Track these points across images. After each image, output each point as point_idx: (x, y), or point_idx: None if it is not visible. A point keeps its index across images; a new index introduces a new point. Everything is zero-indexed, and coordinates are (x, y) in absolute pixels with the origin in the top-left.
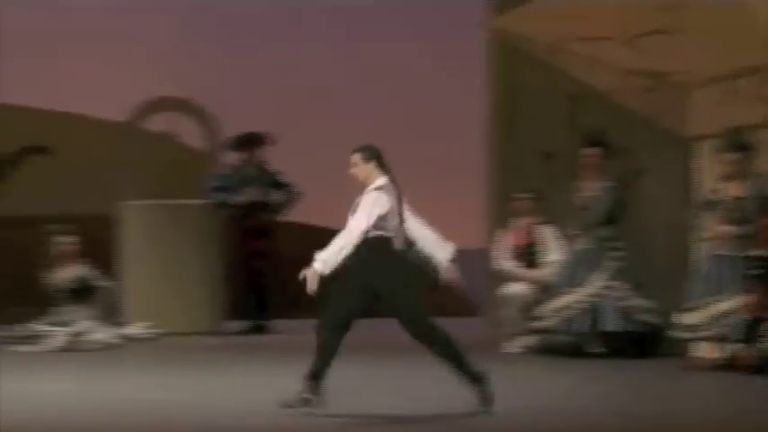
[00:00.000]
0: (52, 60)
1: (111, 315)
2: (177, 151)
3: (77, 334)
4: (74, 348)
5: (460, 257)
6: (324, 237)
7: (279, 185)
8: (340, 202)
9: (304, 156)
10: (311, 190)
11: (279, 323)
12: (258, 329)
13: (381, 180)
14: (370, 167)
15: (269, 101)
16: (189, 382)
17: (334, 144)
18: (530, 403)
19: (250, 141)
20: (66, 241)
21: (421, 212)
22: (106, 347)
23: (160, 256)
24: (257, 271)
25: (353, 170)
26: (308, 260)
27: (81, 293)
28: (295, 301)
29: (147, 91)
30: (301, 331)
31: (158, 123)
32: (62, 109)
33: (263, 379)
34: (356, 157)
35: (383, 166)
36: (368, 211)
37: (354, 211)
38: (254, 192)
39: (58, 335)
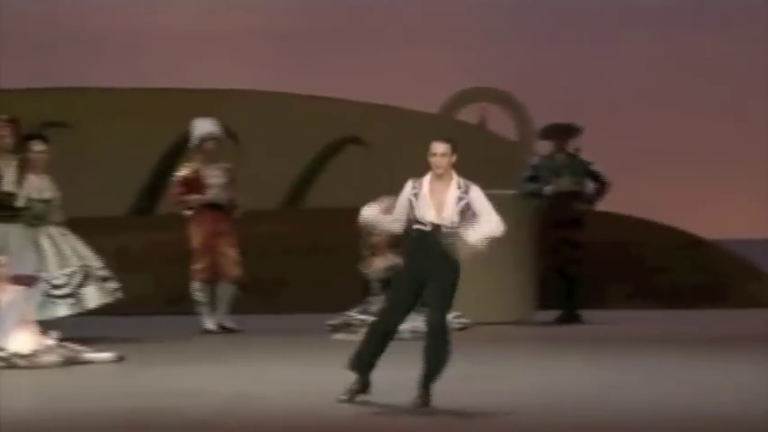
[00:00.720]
0: (369, 54)
1: (424, 305)
2: (490, 141)
3: None
4: None
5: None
6: (631, 225)
7: (591, 175)
8: (647, 191)
9: (613, 146)
10: (621, 180)
11: (588, 313)
12: (569, 319)
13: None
14: (453, 160)
15: (579, 91)
16: (496, 372)
17: (642, 135)
18: None
19: (562, 131)
20: (381, 231)
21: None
22: (418, 337)
23: None
24: (570, 260)
25: (441, 159)
26: (618, 250)
27: None
28: (603, 292)
29: (460, 82)
30: (610, 322)
31: (471, 114)
32: (377, 101)
33: (571, 369)
34: (447, 148)
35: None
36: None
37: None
38: (566, 181)
39: None
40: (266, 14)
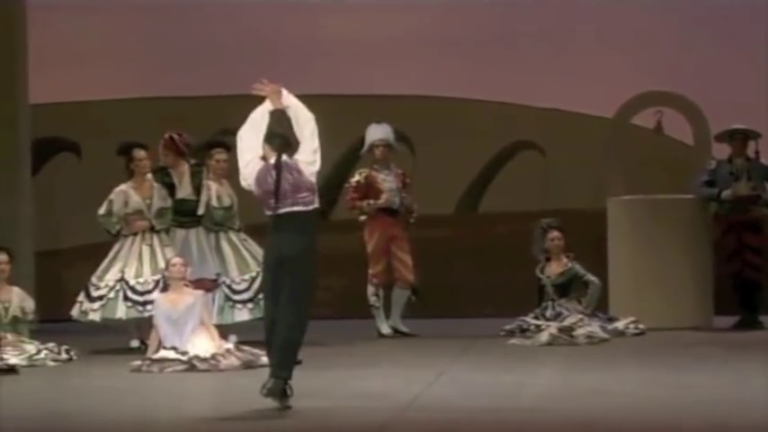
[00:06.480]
0: (544, 58)
1: (599, 310)
2: (666, 146)
3: (565, 328)
4: (562, 342)
5: None
6: None
7: None
8: None
9: None
10: None
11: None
12: (748, 325)
13: None
14: None
15: (758, 94)
16: (672, 378)
17: None
18: None
19: (740, 135)
20: (555, 236)
21: None
22: (594, 342)
23: (647, 251)
24: (749, 266)
25: None
26: None
27: (570, 288)
28: None
29: (637, 86)
30: None
31: (647, 118)
32: (552, 106)
33: (749, 376)
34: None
35: None
36: None
37: None
38: (744, 186)
39: (547, 329)
40: (439, 19)
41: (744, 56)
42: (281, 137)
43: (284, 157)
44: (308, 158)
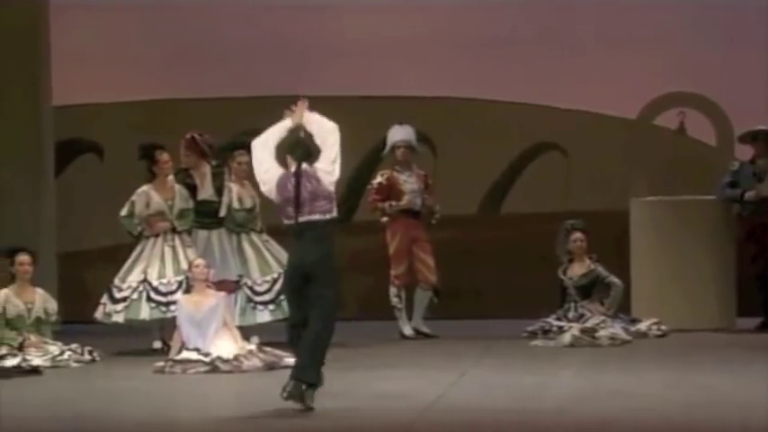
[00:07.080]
0: (566, 60)
1: (621, 311)
2: (689, 147)
3: (588, 330)
4: (584, 344)
5: None
6: None
7: None
8: None
9: None
10: None
11: None
12: None
13: None
14: None
15: None
16: (695, 380)
17: None
18: None
19: (763, 136)
20: (578, 238)
21: None
22: (616, 343)
23: (669, 253)
24: None
25: None
26: None
27: (592, 289)
28: None
29: (659, 87)
30: None
31: (670, 119)
32: (575, 107)
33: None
34: None
35: None
36: None
37: None
38: (767, 187)
39: (569, 330)
40: (461, 20)
41: (765, 56)
42: (302, 146)
43: (304, 165)
44: (327, 168)
